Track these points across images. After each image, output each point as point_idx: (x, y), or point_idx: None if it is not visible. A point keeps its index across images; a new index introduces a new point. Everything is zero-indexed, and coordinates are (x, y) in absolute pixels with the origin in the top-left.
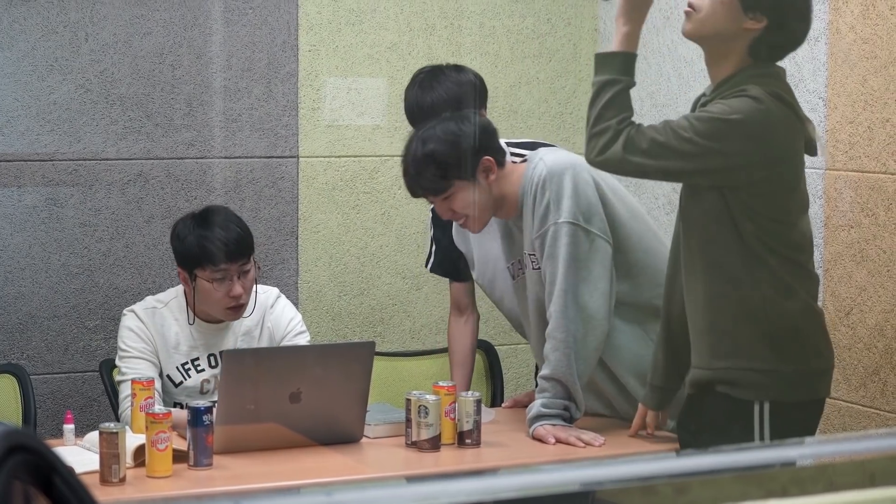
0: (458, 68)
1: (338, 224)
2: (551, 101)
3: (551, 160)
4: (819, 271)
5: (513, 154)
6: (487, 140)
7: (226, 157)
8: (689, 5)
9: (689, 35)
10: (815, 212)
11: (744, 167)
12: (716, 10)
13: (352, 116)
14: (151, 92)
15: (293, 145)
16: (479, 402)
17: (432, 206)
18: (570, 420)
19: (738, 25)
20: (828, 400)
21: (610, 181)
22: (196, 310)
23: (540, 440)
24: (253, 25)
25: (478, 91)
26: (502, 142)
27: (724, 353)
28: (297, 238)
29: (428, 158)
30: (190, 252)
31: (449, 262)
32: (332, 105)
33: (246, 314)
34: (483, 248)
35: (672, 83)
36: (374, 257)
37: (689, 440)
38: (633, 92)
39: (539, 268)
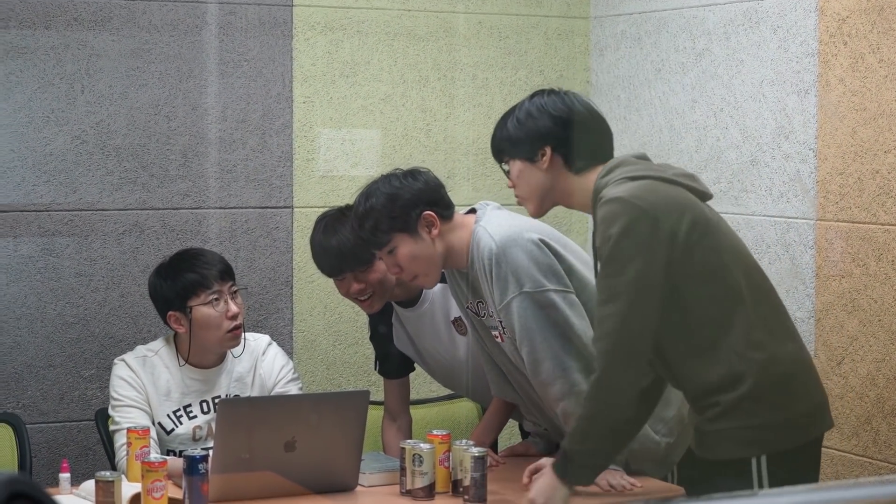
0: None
1: None
2: None
3: (496, 230)
4: (811, 321)
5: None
6: (430, 194)
7: (221, 208)
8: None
9: (535, 214)
10: (807, 262)
11: (661, 255)
12: (524, 178)
13: (346, 167)
14: (147, 143)
15: (288, 196)
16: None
17: (370, 313)
18: (619, 462)
19: (542, 170)
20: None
21: (555, 235)
22: (192, 352)
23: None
24: (248, 77)
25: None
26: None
27: (714, 414)
28: (291, 288)
29: (368, 213)
30: (181, 285)
31: (391, 363)
32: (327, 156)
33: (237, 352)
34: (424, 341)
35: (664, 134)
36: None
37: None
38: (626, 143)
39: (508, 336)
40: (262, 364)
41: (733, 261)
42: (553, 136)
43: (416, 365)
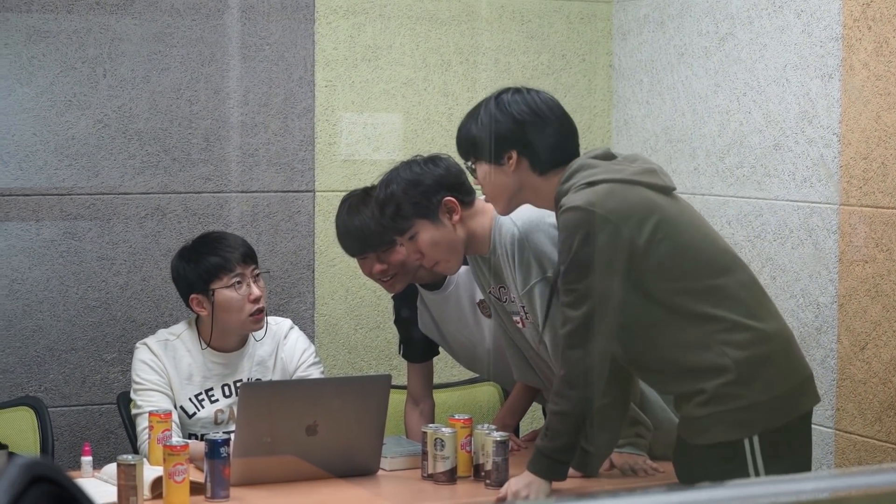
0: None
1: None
2: None
3: (518, 215)
4: (834, 306)
5: None
6: (451, 180)
7: (242, 192)
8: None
9: (503, 213)
10: (830, 247)
11: (621, 260)
12: (490, 180)
13: (368, 151)
14: (169, 127)
15: (309, 180)
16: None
17: (392, 293)
18: (644, 446)
19: (508, 174)
20: (843, 434)
21: None
22: (215, 335)
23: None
24: (270, 61)
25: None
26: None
27: (702, 401)
28: (313, 272)
29: (389, 199)
30: (202, 269)
31: (416, 347)
32: (349, 140)
33: (259, 336)
34: (448, 324)
35: (686, 119)
36: None
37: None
38: (649, 127)
39: (530, 322)
40: (283, 348)
41: (700, 254)
42: (518, 141)
43: (439, 349)
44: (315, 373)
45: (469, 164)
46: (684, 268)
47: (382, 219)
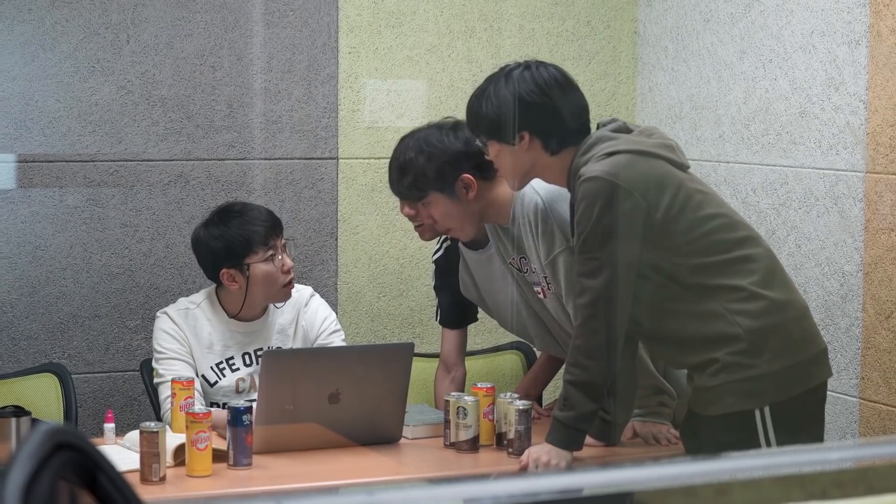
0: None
1: (377, 225)
2: (591, 104)
3: (541, 185)
4: (859, 275)
5: None
6: (471, 156)
7: (266, 159)
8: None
9: (516, 189)
10: (856, 215)
11: (638, 231)
12: (502, 157)
13: (391, 118)
14: (192, 93)
15: (333, 147)
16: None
17: (436, 257)
18: (668, 415)
19: (521, 152)
20: (868, 403)
21: None
22: (243, 308)
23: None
24: (293, 28)
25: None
26: None
27: (713, 371)
28: (336, 239)
29: (406, 166)
30: (235, 243)
31: (454, 312)
32: (372, 107)
33: (279, 304)
34: (490, 283)
35: (712, 85)
36: (413, 259)
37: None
38: (674, 94)
39: (552, 292)
40: (304, 315)
41: (717, 228)
42: (530, 122)
43: (477, 316)
44: (336, 340)
45: (480, 140)
46: (701, 241)
47: (399, 185)
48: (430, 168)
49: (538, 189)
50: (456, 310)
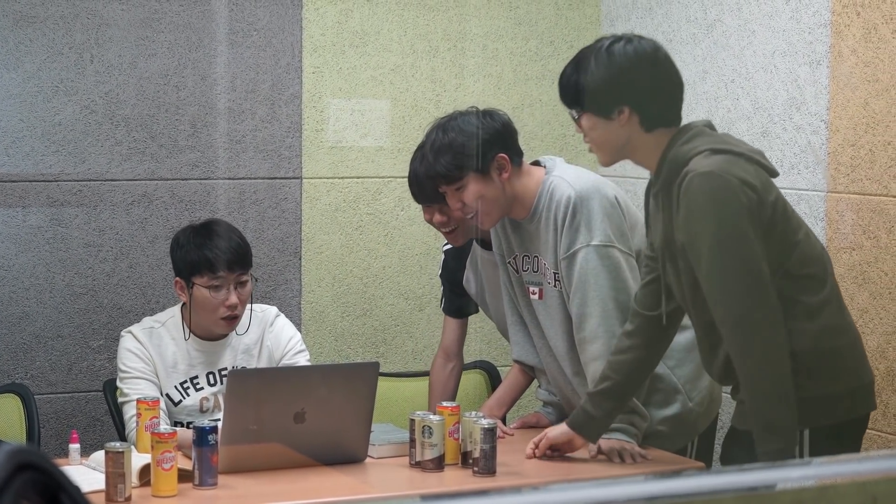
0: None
1: (341, 245)
2: (554, 123)
3: (575, 180)
4: None
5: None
6: (506, 138)
7: (229, 178)
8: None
9: (606, 164)
10: (818, 234)
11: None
12: (597, 131)
13: (355, 138)
14: (156, 113)
15: (297, 166)
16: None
17: (445, 247)
18: (634, 434)
19: (618, 127)
20: None
21: (624, 197)
22: (192, 325)
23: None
24: (257, 48)
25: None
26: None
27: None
28: (300, 259)
29: (446, 146)
30: (189, 259)
31: (457, 301)
32: (336, 126)
33: (241, 330)
34: (493, 286)
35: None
36: (376, 278)
37: None
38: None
39: (559, 287)
40: (269, 335)
41: (802, 239)
42: (631, 96)
43: (478, 308)
44: (301, 360)
45: (573, 112)
46: (790, 251)
47: (437, 165)
48: (470, 146)
49: (572, 182)
50: (460, 300)
